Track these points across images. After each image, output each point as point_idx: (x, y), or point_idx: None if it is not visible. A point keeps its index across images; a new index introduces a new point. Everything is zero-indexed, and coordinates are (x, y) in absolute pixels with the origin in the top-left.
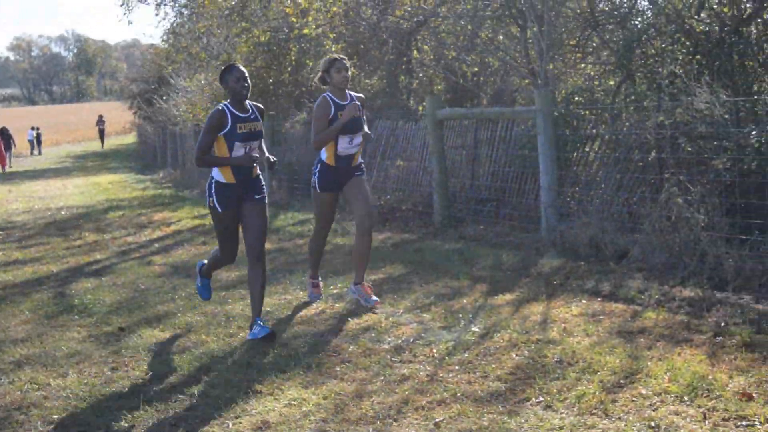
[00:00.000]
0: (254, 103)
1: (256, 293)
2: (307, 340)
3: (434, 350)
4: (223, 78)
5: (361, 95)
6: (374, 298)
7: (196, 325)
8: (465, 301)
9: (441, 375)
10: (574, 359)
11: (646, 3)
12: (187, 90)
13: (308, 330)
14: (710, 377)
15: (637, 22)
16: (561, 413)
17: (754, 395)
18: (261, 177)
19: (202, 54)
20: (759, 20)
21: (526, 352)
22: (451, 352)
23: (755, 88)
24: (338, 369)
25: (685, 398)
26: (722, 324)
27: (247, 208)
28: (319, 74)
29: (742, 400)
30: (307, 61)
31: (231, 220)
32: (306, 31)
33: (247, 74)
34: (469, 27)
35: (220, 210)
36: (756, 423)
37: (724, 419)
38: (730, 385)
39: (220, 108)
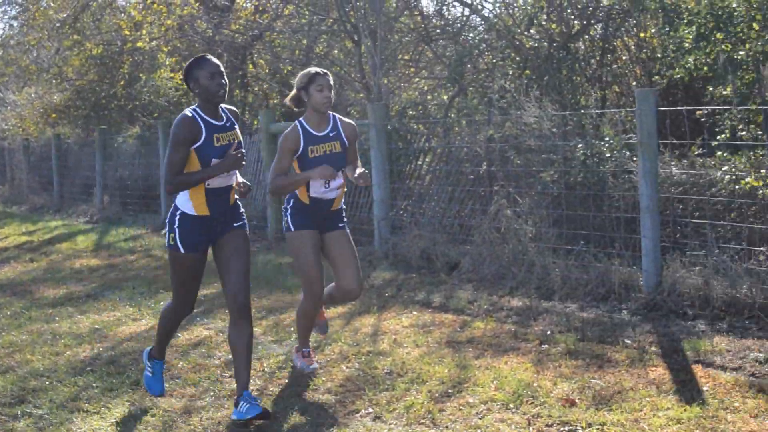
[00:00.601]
0: (226, 106)
1: (241, 359)
2: (135, 357)
3: (264, 364)
4: (190, 74)
5: (351, 122)
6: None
7: (20, 344)
8: None
9: (271, 389)
10: (404, 370)
11: (478, 19)
12: (17, 104)
13: (136, 347)
14: (535, 384)
15: (469, 38)
16: (390, 424)
17: (576, 401)
18: (239, 203)
19: (32, 67)
20: (586, 36)
21: (356, 364)
22: (281, 366)
23: (582, 102)
24: (167, 385)
25: (511, 405)
26: (548, 332)
27: (226, 244)
28: (294, 93)
29: (565, 406)
30: (141, 75)
31: (196, 263)
32: (140, 44)
33: (223, 68)
34: (304, 41)
35: (182, 251)
36: (578, 428)
37: (547, 425)
38: (554, 392)
39: (188, 114)
